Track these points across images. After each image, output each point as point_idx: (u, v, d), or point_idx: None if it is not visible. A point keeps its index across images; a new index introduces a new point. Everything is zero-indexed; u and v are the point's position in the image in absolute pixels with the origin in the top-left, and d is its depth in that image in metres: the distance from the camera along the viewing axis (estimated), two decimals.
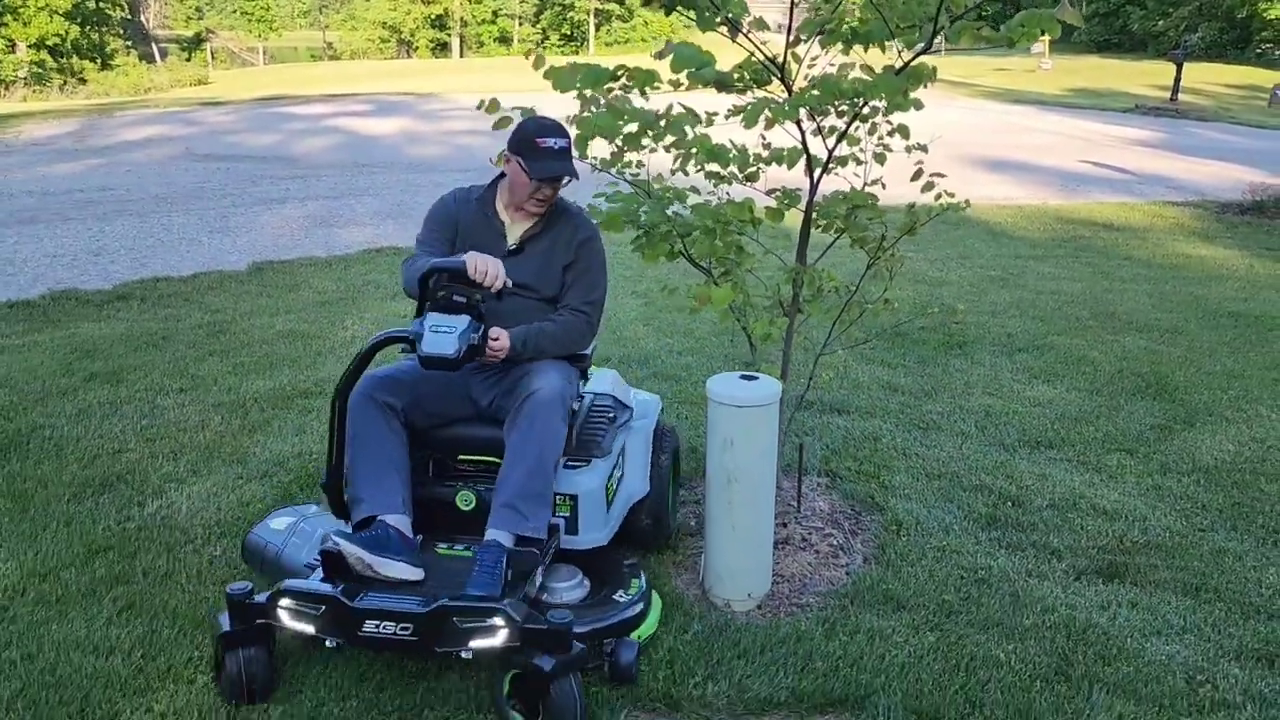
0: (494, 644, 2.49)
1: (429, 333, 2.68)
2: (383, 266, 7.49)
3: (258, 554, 3.04)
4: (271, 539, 3.04)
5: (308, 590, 2.59)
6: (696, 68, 3.17)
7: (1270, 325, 6.62)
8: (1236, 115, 21.95)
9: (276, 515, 3.19)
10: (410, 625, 2.48)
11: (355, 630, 2.51)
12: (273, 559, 2.99)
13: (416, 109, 19.38)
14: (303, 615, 2.55)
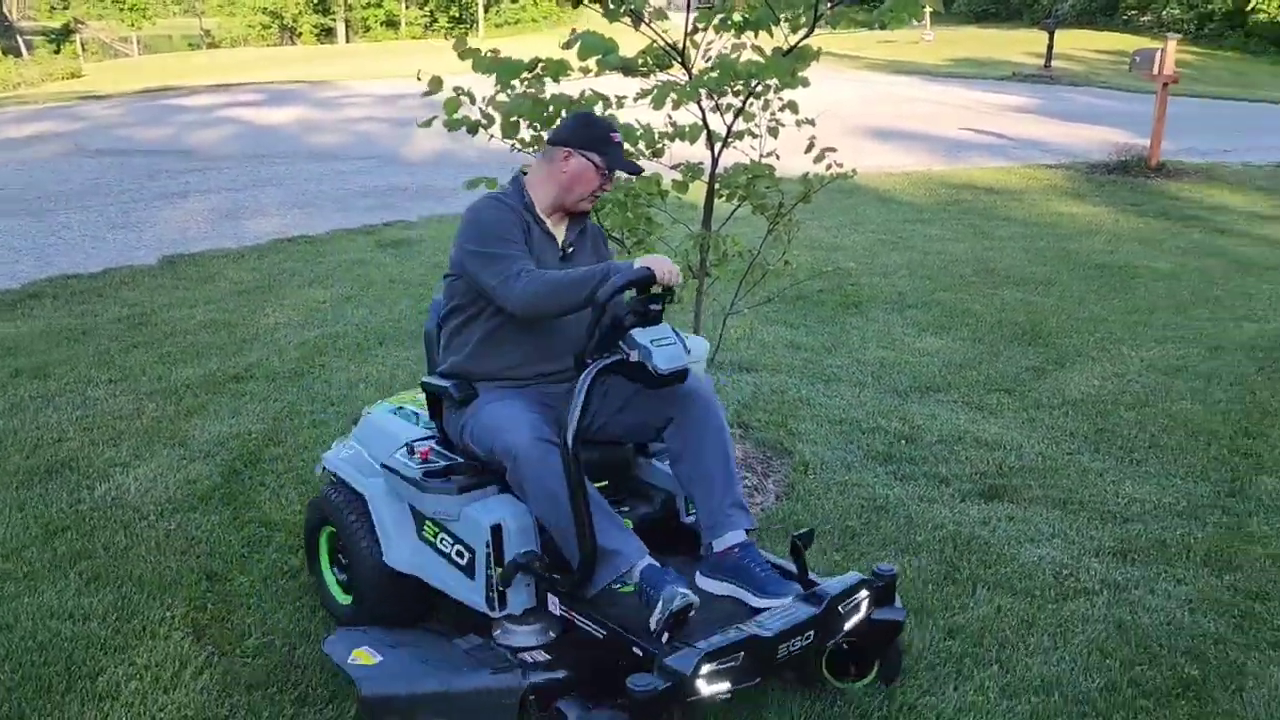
0: (861, 615, 2.54)
1: (656, 349, 2.46)
2: (297, 255, 7.59)
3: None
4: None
5: (728, 643, 2.30)
6: (603, 54, 3.46)
7: (1132, 274, 7.24)
8: (1105, 80, 23.15)
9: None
10: (810, 630, 2.41)
11: (773, 659, 2.36)
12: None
13: (311, 97, 19.13)
14: (720, 674, 2.27)
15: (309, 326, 5.87)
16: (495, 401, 2.72)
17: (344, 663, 2.54)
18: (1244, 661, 2.85)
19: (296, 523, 3.59)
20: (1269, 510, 3.77)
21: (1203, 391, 4.97)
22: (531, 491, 2.54)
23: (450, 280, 2.85)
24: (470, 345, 2.80)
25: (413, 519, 2.81)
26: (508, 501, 2.67)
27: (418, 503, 2.76)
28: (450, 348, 2.87)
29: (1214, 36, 33.99)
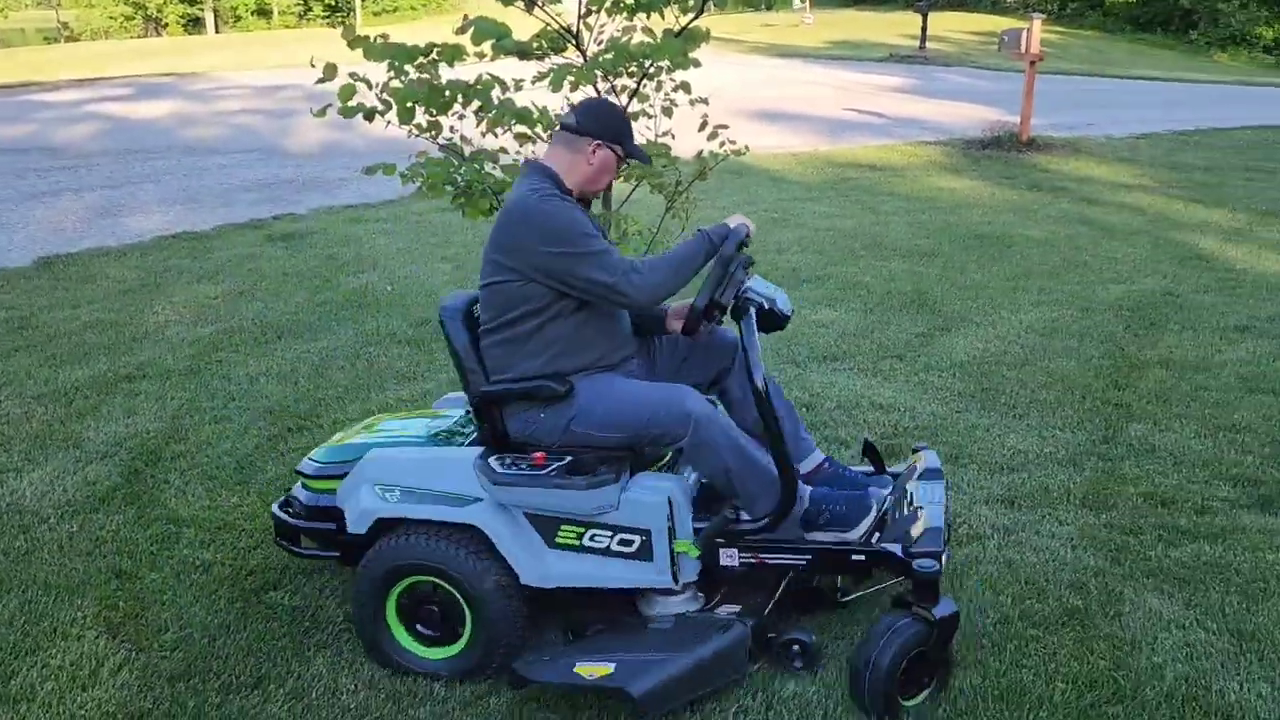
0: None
1: (777, 295, 2.70)
2: (182, 252, 7.38)
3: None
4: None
5: (941, 525, 2.68)
6: (497, 38, 3.50)
7: (1009, 243, 7.61)
8: (976, 60, 24.07)
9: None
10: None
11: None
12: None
13: (183, 90, 18.46)
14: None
15: (201, 323, 5.74)
16: (609, 386, 2.71)
17: (581, 681, 2.48)
18: (1121, 590, 3.09)
19: (206, 518, 3.56)
20: (1139, 454, 4.06)
21: (1076, 350, 5.28)
22: (722, 445, 2.61)
23: (510, 286, 2.68)
24: (557, 345, 2.71)
25: (538, 531, 2.69)
26: (657, 477, 2.70)
27: (558, 508, 2.64)
28: (521, 353, 2.73)
29: (1075, 16, 35.63)
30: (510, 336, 2.73)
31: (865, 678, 2.49)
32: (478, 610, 2.67)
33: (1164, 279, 6.66)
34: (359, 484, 2.78)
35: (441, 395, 4.59)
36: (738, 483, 2.65)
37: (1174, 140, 12.80)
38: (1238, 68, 28.91)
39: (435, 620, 2.74)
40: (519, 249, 2.65)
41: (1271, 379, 4.85)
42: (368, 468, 2.78)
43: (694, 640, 2.58)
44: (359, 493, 2.77)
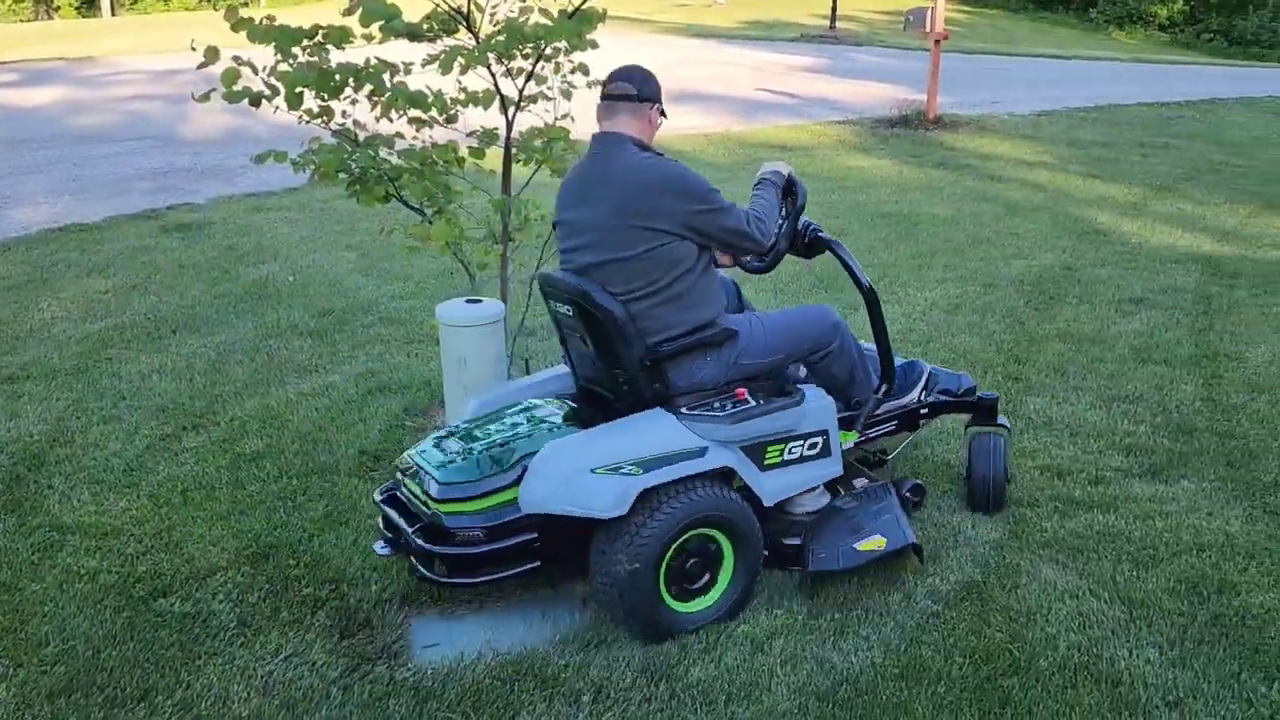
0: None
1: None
2: (71, 245, 7.06)
3: None
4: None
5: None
6: (387, 20, 3.40)
7: (915, 221, 7.72)
8: (885, 39, 24.37)
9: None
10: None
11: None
12: None
13: (74, 75, 17.68)
14: None
15: (90, 319, 5.50)
16: (758, 320, 3.10)
17: (873, 555, 2.97)
18: (1018, 562, 3.15)
19: (92, 524, 3.41)
20: (1037, 427, 4.15)
21: (979, 325, 5.38)
22: (850, 345, 3.24)
23: (663, 249, 2.81)
24: (708, 293, 2.96)
25: (751, 459, 2.91)
26: (808, 387, 3.08)
27: (780, 429, 2.94)
28: (687, 308, 2.89)
29: None
30: (671, 295, 2.86)
31: (990, 484, 3.36)
32: (741, 547, 2.87)
33: (1063, 254, 6.83)
34: (572, 476, 2.67)
35: (344, 387, 4.48)
36: (859, 373, 3.26)
37: (1073, 117, 13.14)
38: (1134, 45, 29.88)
39: (696, 574, 2.85)
40: (668, 213, 2.80)
41: (1163, 350, 5.00)
42: (566, 459, 2.71)
43: (882, 502, 3.15)
44: (586, 482, 2.66)
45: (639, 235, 2.80)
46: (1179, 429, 4.12)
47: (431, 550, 2.75)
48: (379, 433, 4.07)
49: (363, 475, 3.74)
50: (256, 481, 3.71)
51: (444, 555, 2.75)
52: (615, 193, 2.83)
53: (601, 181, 2.88)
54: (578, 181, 3.01)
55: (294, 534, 3.35)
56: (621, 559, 2.67)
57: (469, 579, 2.80)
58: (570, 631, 2.87)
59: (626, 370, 2.87)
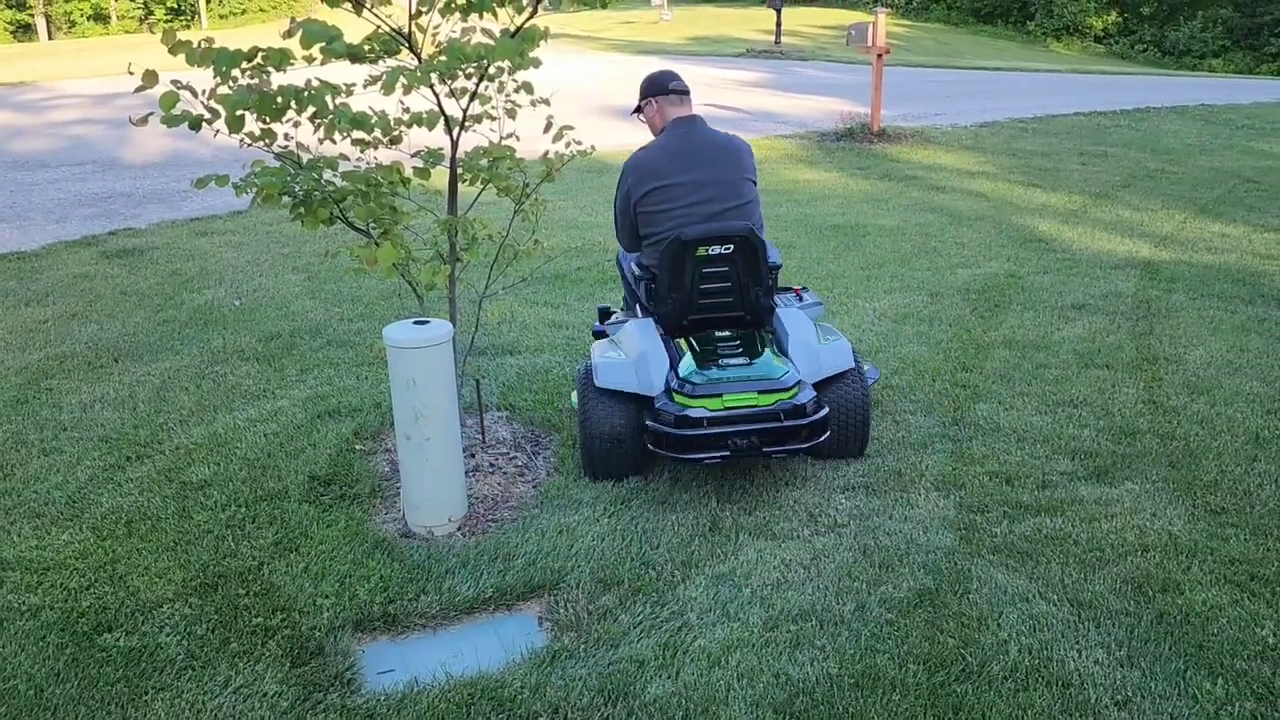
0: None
1: None
2: (7, 273, 6.90)
3: None
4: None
5: None
6: (328, 41, 3.37)
7: (863, 233, 7.81)
8: (829, 54, 24.71)
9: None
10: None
11: None
12: None
13: (10, 100, 17.35)
14: None
15: (29, 349, 5.38)
16: None
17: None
18: (969, 568, 3.19)
19: (33, 559, 3.32)
20: (985, 433, 4.21)
21: (926, 334, 5.45)
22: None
23: (758, 193, 4.02)
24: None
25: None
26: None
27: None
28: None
29: (921, 9, 36.98)
30: (763, 228, 3.97)
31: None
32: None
33: (1007, 262, 6.95)
34: (821, 351, 3.83)
35: (292, 412, 4.41)
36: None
37: (1014, 128, 13.40)
38: (1071, 56, 30.57)
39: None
40: (754, 169, 3.96)
41: (1105, 354, 5.11)
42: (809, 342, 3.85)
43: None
44: (834, 349, 3.86)
45: (749, 186, 3.90)
46: (1122, 432, 4.20)
47: (798, 425, 3.56)
48: (328, 457, 4.02)
49: (313, 501, 3.69)
50: (204, 510, 3.64)
51: (810, 423, 3.57)
52: (729, 155, 3.91)
53: (712, 148, 3.91)
54: (681, 152, 3.91)
55: (243, 563, 3.30)
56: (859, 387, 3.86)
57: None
58: (524, 652, 2.85)
59: (762, 286, 3.86)
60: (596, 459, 3.76)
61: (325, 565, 3.26)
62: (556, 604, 3.07)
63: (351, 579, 3.18)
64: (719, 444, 3.52)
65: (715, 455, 3.52)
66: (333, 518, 3.57)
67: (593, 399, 3.76)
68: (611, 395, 3.74)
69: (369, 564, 3.26)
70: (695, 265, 3.78)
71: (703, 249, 3.74)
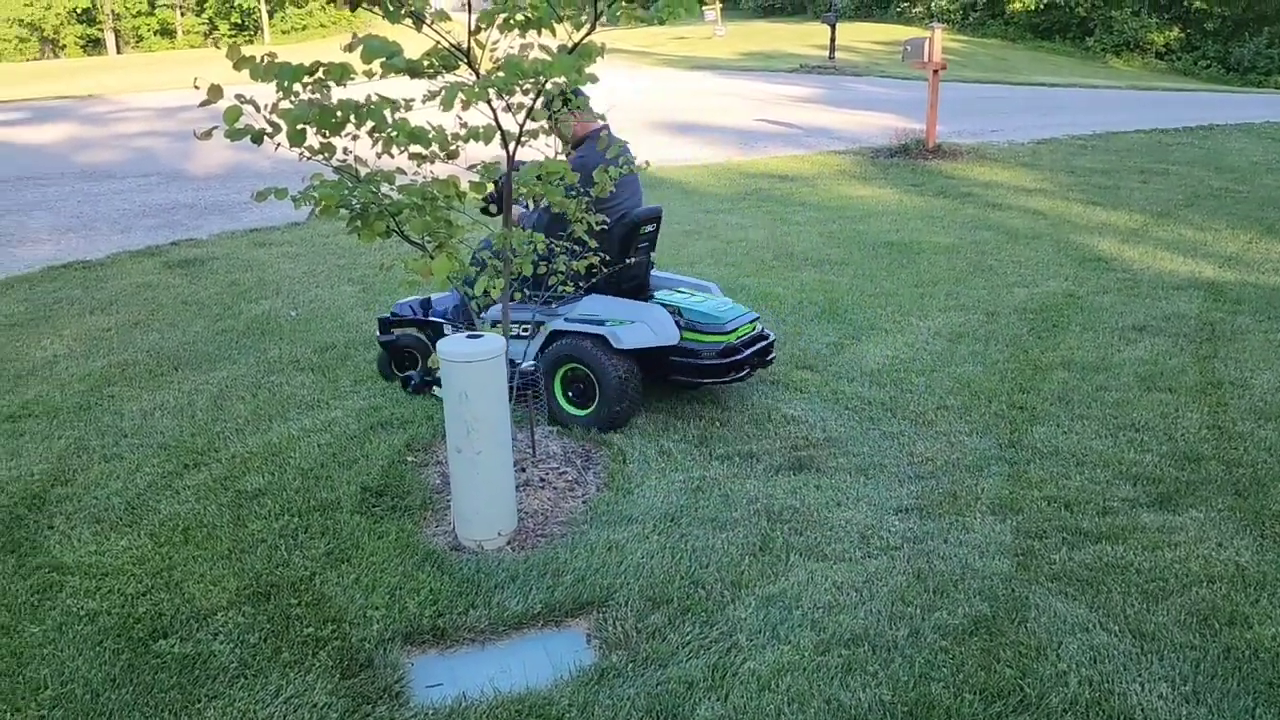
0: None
1: None
2: (74, 282, 7.08)
3: None
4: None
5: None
6: (388, 57, 3.41)
7: (917, 250, 7.73)
8: (883, 69, 24.55)
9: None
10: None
11: None
12: None
13: (79, 113, 17.86)
14: None
15: (93, 356, 5.50)
16: None
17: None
18: (1027, 595, 3.11)
19: (92, 564, 3.38)
20: (1043, 457, 4.12)
21: (982, 354, 5.37)
22: None
23: None
24: None
25: None
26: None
27: None
28: None
29: (977, 25, 36.62)
30: None
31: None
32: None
33: (1066, 281, 6.83)
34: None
35: (345, 423, 4.46)
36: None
37: (1072, 145, 13.19)
38: (1131, 72, 30.05)
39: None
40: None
41: (1168, 377, 4.98)
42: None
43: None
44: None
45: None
46: (1186, 458, 4.09)
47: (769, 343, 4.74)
48: (380, 469, 4.05)
49: (365, 512, 3.71)
50: (258, 519, 3.68)
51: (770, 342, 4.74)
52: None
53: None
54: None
55: (295, 572, 3.33)
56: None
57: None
58: (572, 670, 2.83)
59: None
60: (624, 410, 4.38)
61: (376, 577, 3.28)
62: (605, 621, 3.05)
63: (402, 591, 3.19)
64: (741, 366, 4.48)
65: (742, 375, 4.50)
66: (384, 529, 3.59)
67: (615, 361, 4.31)
68: (630, 354, 4.35)
69: (419, 576, 3.27)
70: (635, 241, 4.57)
71: (643, 229, 4.60)
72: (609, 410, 4.36)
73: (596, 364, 4.33)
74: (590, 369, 4.37)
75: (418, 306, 5.04)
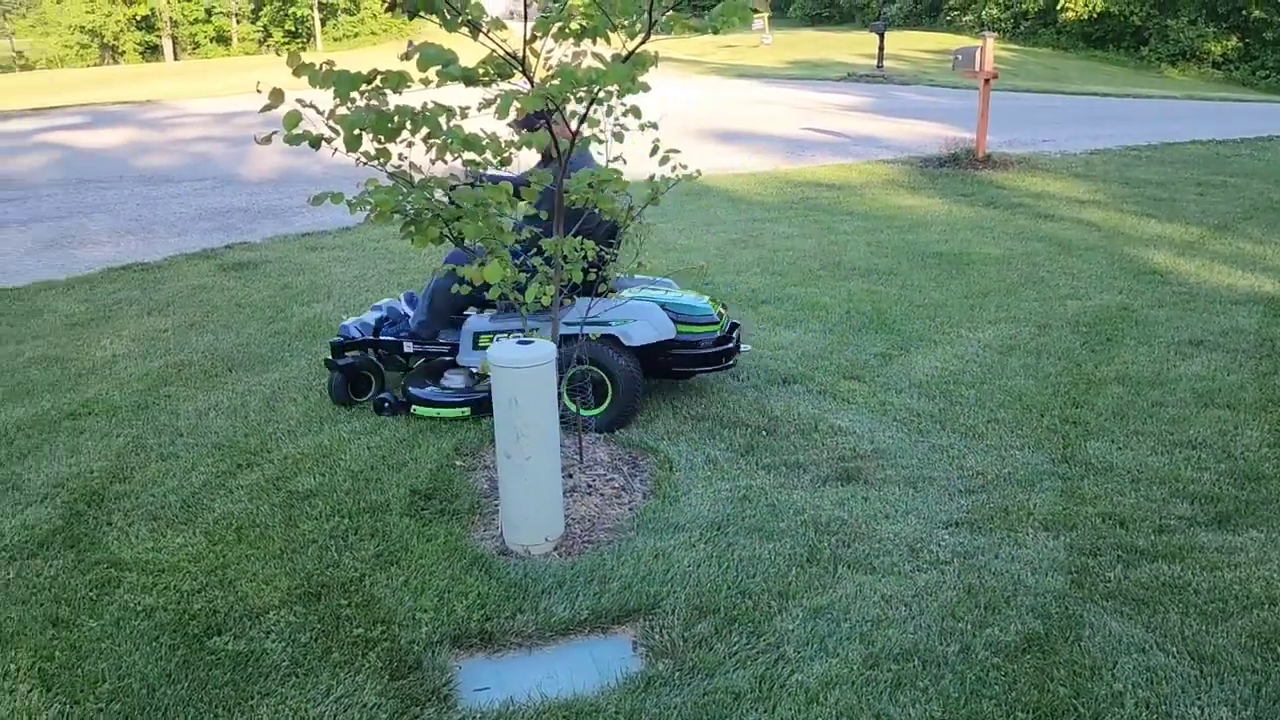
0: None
1: None
2: (133, 283, 7.23)
3: None
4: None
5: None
6: (443, 65, 3.44)
7: (966, 261, 7.64)
8: (932, 78, 24.36)
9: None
10: None
11: None
12: None
13: (138, 118, 18.25)
14: None
15: (151, 357, 5.61)
16: None
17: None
18: (1081, 613, 3.06)
19: (149, 561, 3.45)
20: (1098, 473, 4.05)
21: (1034, 367, 5.29)
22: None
23: None
24: None
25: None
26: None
27: None
28: None
29: (1028, 35, 36.20)
30: None
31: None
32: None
33: (1120, 294, 6.71)
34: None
35: (395, 426, 4.50)
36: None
37: (1127, 155, 12.99)
38: (1187, 82, 29.51)
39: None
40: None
41: (1226, 393, 4.88)
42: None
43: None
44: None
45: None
46: (1246, 476, 4.00)
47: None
48: (429, 472, 4.09)
49: (413, 515, 3.74)
50: (309, 520, 3.73)
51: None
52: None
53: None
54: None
55: (345, 573, 3.36)
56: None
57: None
58: (619, 677, 2.83)
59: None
60: (635, 407, 4.53)
61: (424, 580, 3.31)
62: (651, 629, 3.04)
63: (450, 594, 3.22)
64: (732, 354, 4.69)
65: (732, 362, 4.74)
66: (432, 532, 3.62)
67: (626, 359, 4.44)
68: (637, 351, 4.49)
69: (467, 580, 3.29)
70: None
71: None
72: (622, 409, 4.47)
73: (611, 364, 4.42)
74: (604, 369, 4.45)
75: (364, 328, 4.98)
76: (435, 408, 4.61)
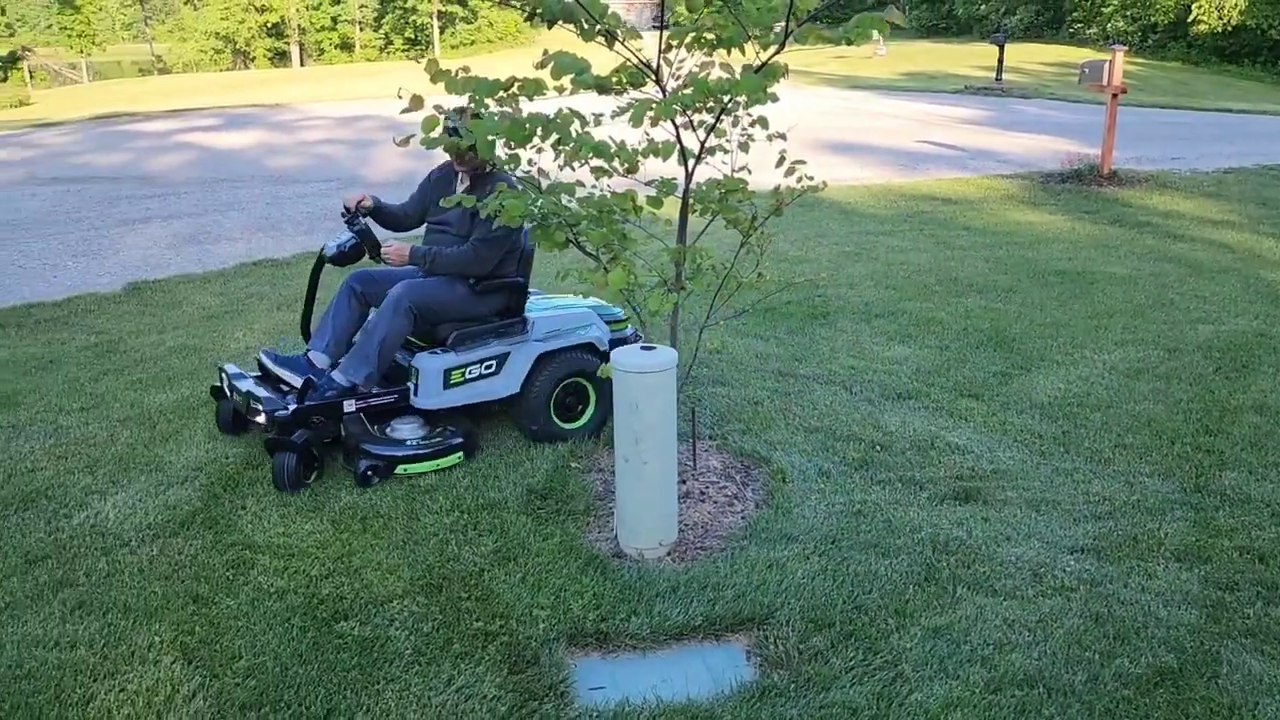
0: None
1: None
2: (263, 279, 7.54)
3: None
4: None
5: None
6: (577, 73, 3.51)
7: (1090, 280, 7.41)
8: (1054, 91, 23.66)
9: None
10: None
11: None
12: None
13: (268, 120, 19.03)
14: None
15: (280, 350, 5.84)
16: None
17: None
18: (1219, 650, 2.94)
19: (280, 545, 3.59)
20: (1234, 504, 3.88)
21: (1164, 392, 5.10)
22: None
23: None
24: None
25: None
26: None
27: None
28: None
29: (1157, 48, 34.88)
30: None
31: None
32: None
33: (1255, 319, 6.42)
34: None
35: (513, 427, 4.59)
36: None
37: (1263, 175, 12.40)
38: None
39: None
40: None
41: None
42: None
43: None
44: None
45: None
46: None
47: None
48: (546, 472, 4.16)
49: (530, 513, 3.82)
50: (430, 514, 3.84)
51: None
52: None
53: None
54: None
55: (465, 567, 3.45)
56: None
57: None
58: (733, 685, 2.84)
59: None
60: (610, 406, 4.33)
61: (541, 577, 3.37)
62: (766, 639, 3.04)
63: (566, 593, 3.27)
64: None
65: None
66: (549, 531, 3.68)
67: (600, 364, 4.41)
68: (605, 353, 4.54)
69: (582, 580, 3.34)
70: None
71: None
72: (606, 412, 4.44)
73: (593, 371, 4.46)
74: (587, 379, 4.54)
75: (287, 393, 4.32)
76: (429, 461, 4.17)
